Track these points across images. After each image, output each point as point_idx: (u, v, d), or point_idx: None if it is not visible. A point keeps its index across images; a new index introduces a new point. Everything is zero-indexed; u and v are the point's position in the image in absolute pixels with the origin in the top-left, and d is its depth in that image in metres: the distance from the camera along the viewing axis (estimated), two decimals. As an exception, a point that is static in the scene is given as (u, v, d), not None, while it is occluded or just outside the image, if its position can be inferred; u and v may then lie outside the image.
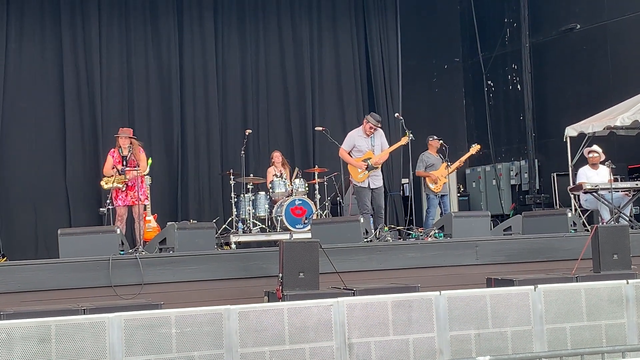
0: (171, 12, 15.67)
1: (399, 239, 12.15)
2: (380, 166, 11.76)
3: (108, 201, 11.14)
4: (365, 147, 11.60)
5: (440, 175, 13.31)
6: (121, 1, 15.38)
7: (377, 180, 11.67)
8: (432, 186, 13.34)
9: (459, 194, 16.96)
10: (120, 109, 15.13)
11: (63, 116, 14.81)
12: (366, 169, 11.47)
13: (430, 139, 13.67)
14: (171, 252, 9.19)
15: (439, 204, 13.51)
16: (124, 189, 11.33)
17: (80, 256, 8.48)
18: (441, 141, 13.48)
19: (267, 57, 16.30)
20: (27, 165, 14.57)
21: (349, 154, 11.67)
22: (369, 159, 11.52)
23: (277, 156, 14.02)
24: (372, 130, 11.60)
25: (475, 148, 13.74)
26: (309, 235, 10.60)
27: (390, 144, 12.18)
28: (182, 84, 15.65)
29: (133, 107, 15.27)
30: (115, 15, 15.29)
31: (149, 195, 11.91)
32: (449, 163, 13.17)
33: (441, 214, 13.35)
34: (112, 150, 11.68)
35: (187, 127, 15.62)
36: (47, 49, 14.89)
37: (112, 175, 11.37)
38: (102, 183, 11.53)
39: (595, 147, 12.98)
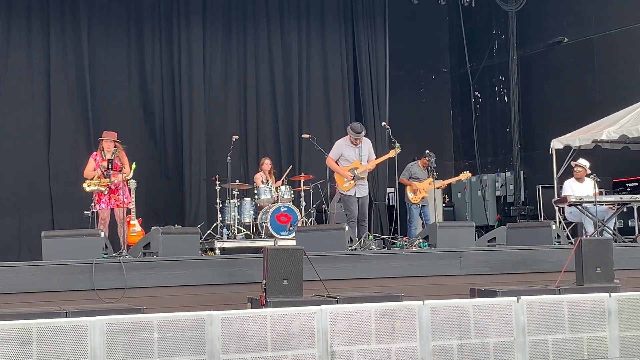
0: (158, 17, 15.65)
1: (384, 247, 12.15)
2: (366, 176, 11.78)
3: (92, 204, 11.09)
4: (353, 156, 11.59)
5: (422, 188, 13.36)
6: (107, 5, 15.36)
7: (363, 190, 11.67)
8: (410, 196, 13.44)
9: (444, 204, 16.99)
10: (105, 113, 15.07)
11: (48, 118, 14.77)
12: (352, 178, 11.49)
13: (429, 154, 13.55)
14: (155, 256, 9.16)
15: (420, 214, 13.58)
16: (106, 192, 11.29)
17: (63, 259, 8.44)
18: (433, 162, 13.46)
19: (255, 63, 16.28)
20: (11, 167, 14.51)
21: (336, 162, 11.67)
22: (356, 168, 11.52)
23: (267, 163, 14.01)
24: (358, 141, 11.60)
25: (465, 175, 13.86)
26: (293, 242, 10.58)
27: (377, 153, 12.18)
28: (168, 88, 15.61)
29: (118, 111, 15.22)
30: (101, 20, 15.27)
31: (132, 199, 11.87)
32: (435, 176, 13.21)
33: (422, 224, 13.40)
34: (95, 153, 11.62)
35: (172, 131, 15.58)
36: (33, 52, 14.84)
37: (93, 178, 11.31)
38: (84, 185, 11.48)
39: (581, 161, 13.04)
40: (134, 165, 11.55)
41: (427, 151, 13.68)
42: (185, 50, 15.68)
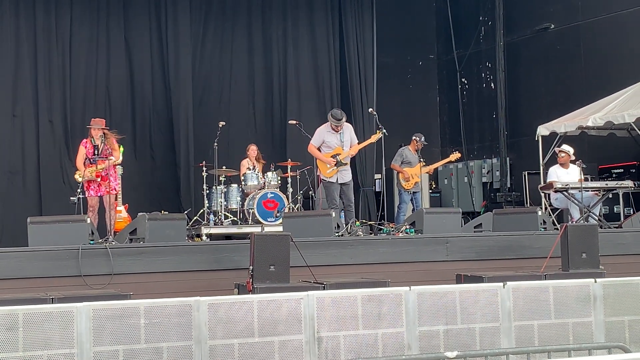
0: (146, 3, 15.58)
1: (371, 233, 12.17)
2: (349, 161, 11.76)
3: (79, 190, 11.04)
4: (335, 143, 11.55)
5: (414, 174, 13.37)
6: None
7: (345, 175, 11.63)
8: (403, 182, 13.42)
9: (430, 191, 17.02)
10: (92, 100, 15.05)
11: (36, 105, 14.70)
12: (335, 165, 11.46)
13: (416, 137, 13.61)
14: (141, 242, 9.15)
15: (411, 200, 13.57)
16: (98, 180, 11.24)
17: (49, 245, 8.42)
18: (423, 141, 13.48)
19: (242, 50, 16.25)
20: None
21: (318, 149, 11.64)
22: (338, 154, 11.51)
23: (253, 149, 13.98)
24: (339, 128, 11.56)
25: (455, 156, 13.85)
26: (280, 228, 10.59)
27: (364, 139, 12.16)
28: (155, 75, 15.58)
29: (106, 98, 15.19)
30: (89, 7, 15.19)
31: (120, 185, 11.83)
32: (423, 161, 13.21)
33: (413, 210, 13.41)
34: (85, 140, 11.57)
35: (160, 118, 15.55)
36: (20, 41, 14.75)
37: (85, 167, 11.27)
38: (76, 176, 11.42)
39: (564, 147, 13.07)
40: (121, 149, 11.49)
41: (416, 134, 13.68)
42: (172, 37, 15.62)
